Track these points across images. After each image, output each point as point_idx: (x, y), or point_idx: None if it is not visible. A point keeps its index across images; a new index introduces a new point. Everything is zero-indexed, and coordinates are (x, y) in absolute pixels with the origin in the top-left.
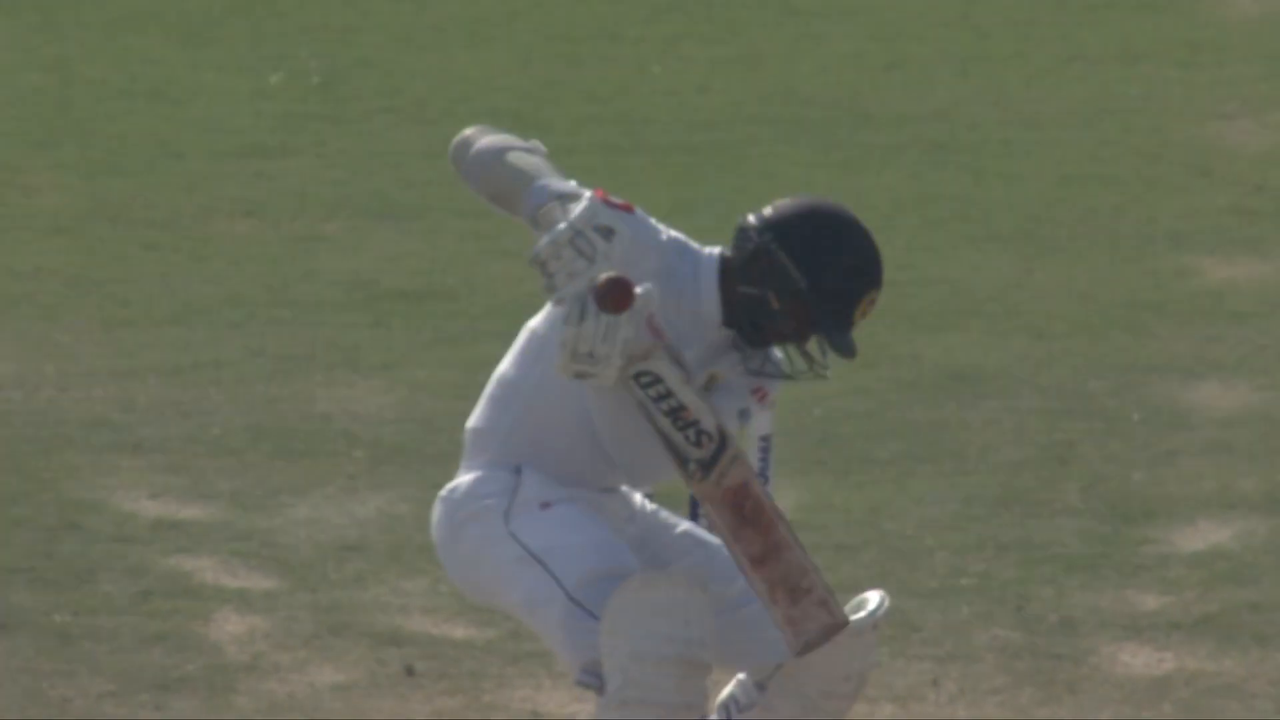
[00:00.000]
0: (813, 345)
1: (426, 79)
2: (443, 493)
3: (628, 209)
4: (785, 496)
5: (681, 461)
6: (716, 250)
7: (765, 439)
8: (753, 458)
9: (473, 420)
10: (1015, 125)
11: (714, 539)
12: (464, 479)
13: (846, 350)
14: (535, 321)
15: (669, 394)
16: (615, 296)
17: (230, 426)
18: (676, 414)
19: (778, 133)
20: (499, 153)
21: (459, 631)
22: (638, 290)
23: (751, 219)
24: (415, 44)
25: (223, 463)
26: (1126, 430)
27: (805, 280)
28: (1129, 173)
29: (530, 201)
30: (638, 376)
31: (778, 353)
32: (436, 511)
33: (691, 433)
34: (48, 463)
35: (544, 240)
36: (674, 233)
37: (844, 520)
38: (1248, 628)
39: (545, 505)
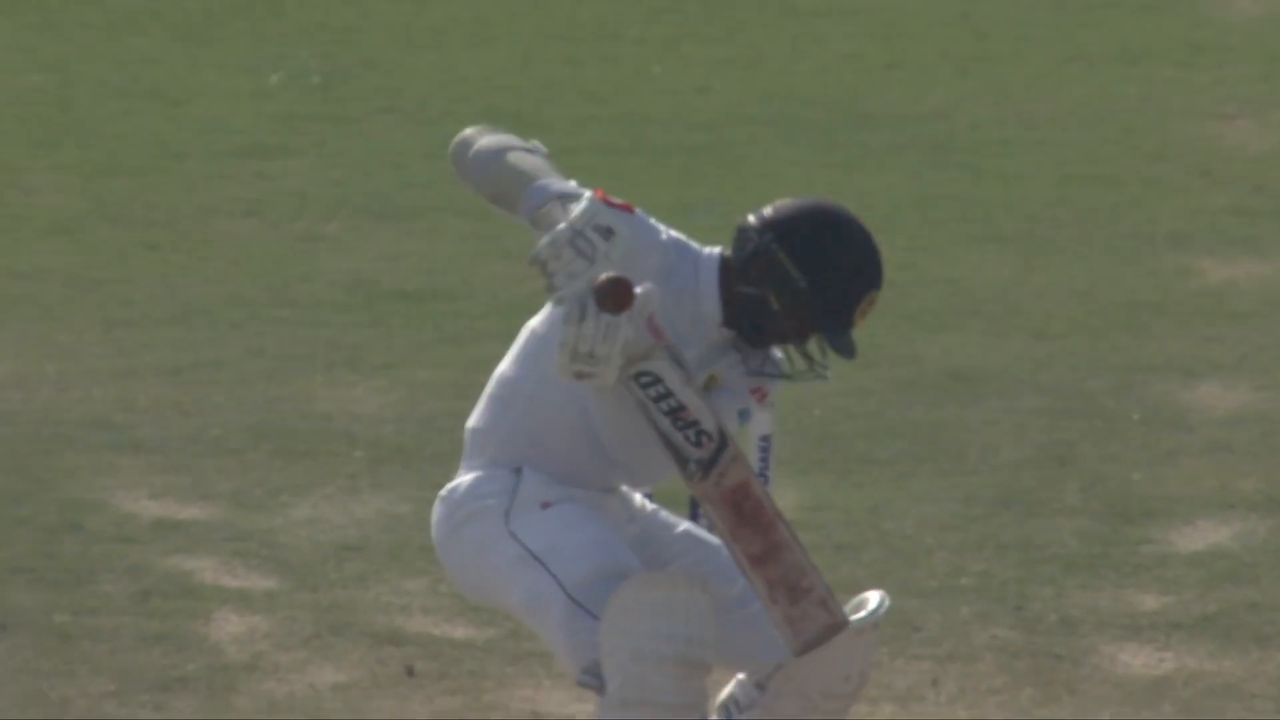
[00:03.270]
0: (813, 345)
1: (427, 79)
2: (442, 493)
3: (628, 209)
4: (785, 496)
5: (681, 462)
6: (717, 250)
7: (765, 439)
8: (753, 458)
9: (473, 420)
10: (1015, 125)
11: (714, 539)
12: (464, 479)
13: (846, 350)
14: (535, 321)
15: (668, 394)
16: (615, 296)
17: (230, 427)
18: (676, 414)
19: (777, 133)
20: (499, 152)
21: (459, 632)
22: (637, 290)
23: (751, 219)
24: (416, 44)
25: (223, 463)
26: (1126, 430)
27: (805, 280)
28: (1129, 173)
29: (529, 202)
30: (638, 377)
31: (777, 352)
32: (436, 512)
33: (691, 433)
34: (48, 463)
35: (544, 241)
36: (674, 233)
37: (844, 520)
38: (1247, 628)
39: (545, 505)
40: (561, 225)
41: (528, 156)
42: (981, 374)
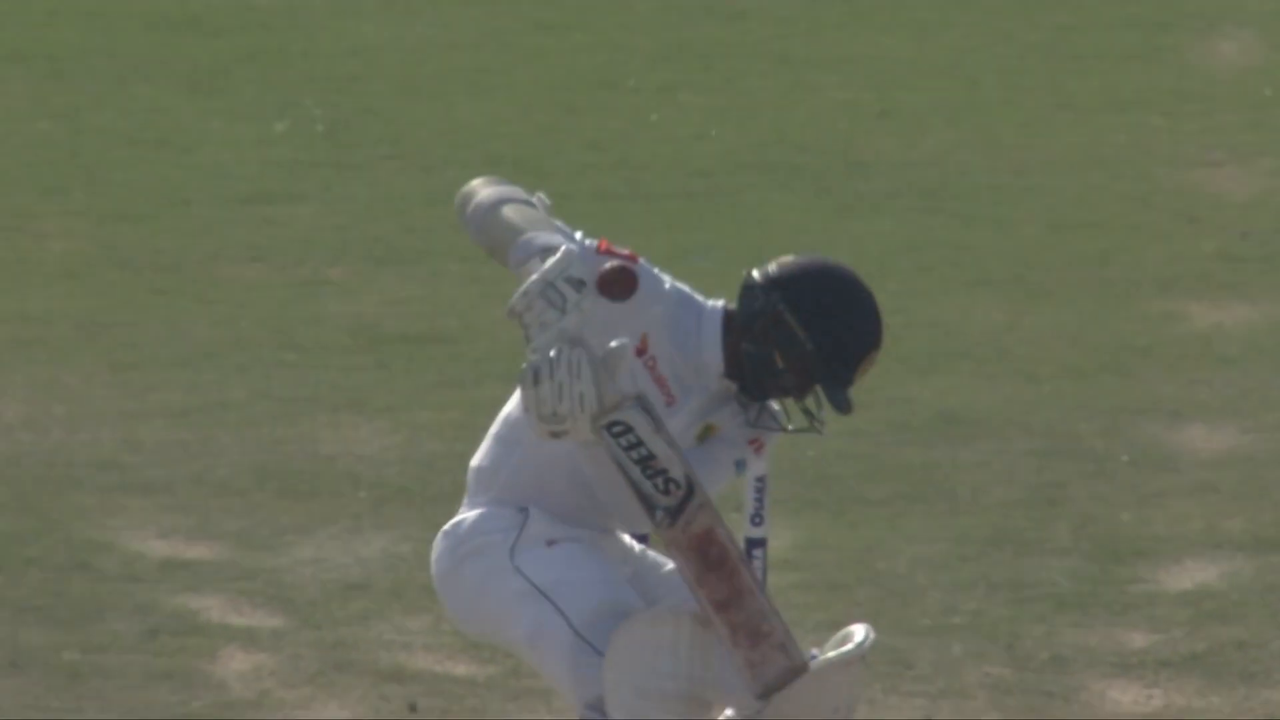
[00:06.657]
0: (810, 400)
1: (429, 127)
2: (446, 527)
3: (632, 259)
4: (780, 536)
5: (649, 509)
6: (720, 303)
7: (760, 479)
8: (748, 498)
9: (477, 459)
10: (1005, 173)
11: None
12: (468, 515)
13: (844, 407)
14: None
15: (639, 443)
16: (620, 283)
17: (236, 467)
18: (645, 463)
19: (772, 180)
20: (494, 206)
21: (461, 668)
22: (613, 344)
23: (757, 276)
24: (418, 93)
25: (229, 503)
26: (1115, 472)
27: (811, 342)
28: (1117, 219)
29: (515, 256)
30: (609, 426)
31: (775, 405)
32: (438, 546)
33: (660, 480)
34: (57, 503)
35: (518, 293)
36: (678, 283)
37: (838, 559)
38: (1234, 665)
39: (551, 543)
40: (534, 277)
41: (523, 209)
42: (973, 416)
